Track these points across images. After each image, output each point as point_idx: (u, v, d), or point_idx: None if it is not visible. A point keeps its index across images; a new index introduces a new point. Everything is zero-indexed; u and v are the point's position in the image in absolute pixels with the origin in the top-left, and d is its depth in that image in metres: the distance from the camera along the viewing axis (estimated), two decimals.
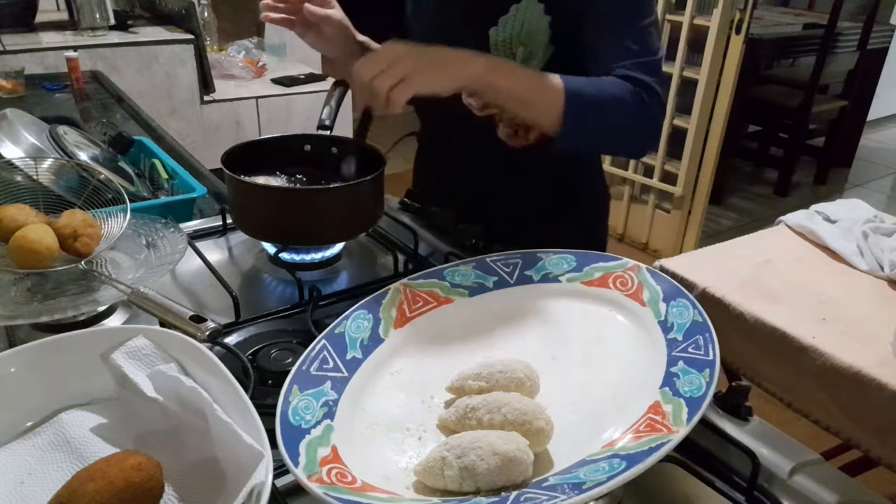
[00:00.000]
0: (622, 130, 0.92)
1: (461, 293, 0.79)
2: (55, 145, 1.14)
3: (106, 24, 2.59)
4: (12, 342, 0.76)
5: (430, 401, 0.65)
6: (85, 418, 0.59)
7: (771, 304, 1.27)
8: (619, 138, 0.95)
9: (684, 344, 0.64)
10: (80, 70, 2.04)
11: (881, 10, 3.97)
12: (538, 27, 0.95)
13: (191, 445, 0.56)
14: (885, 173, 4.45)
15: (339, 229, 0.93)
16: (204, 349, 0.60)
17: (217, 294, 0.87)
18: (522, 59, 0.97)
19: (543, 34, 0.95)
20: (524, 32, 0.95)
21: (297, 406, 0.60)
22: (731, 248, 1.50)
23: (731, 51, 2.75)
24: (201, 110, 2.79)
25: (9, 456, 0.55)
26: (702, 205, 3.02)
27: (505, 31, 0.96)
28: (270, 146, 1.00)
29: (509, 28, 0.96)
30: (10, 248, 0.76)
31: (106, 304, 0.79)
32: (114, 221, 0.87)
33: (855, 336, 1.18)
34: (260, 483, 0.47)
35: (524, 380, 0.63)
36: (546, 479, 0.53)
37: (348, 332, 0.71)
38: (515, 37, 0.96)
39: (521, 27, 0.95)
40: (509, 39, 0.96)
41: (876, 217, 1.51)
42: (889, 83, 4.38)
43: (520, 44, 0.96)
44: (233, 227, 1.05)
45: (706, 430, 0.66)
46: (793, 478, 0.62)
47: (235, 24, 3.32)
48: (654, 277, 0.74)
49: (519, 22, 0.95)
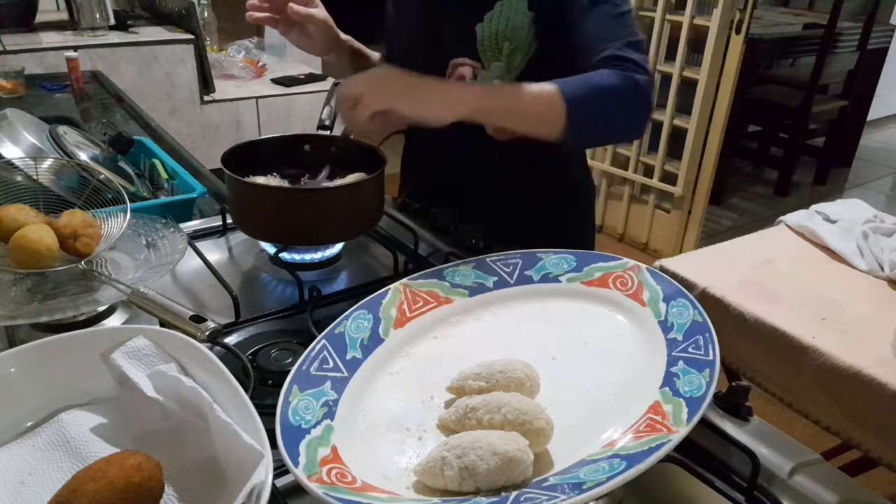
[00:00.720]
0: (621, 118, 0.93)
1: (461, 293, 0.79)
2: (55, 145, 1.14)
3: (106, 24, 2.60)
4: (12, 342, 0.76)
5: (430, 401, 0.65)
6: (85, 418, 0.59)
7: (771, 304, 1.27)
8: (620, 126, 0.96)
9: (684, 344, 0.64)
10: (80, 70, 2.04)
11: (881, 10, 3.97)
12: (522, 22, 0.97)
13: (191, 445, 0.56)
14: (885, 173, 4.45)
15: (339, 229, 0.93)
16: (204, 349, 0.60)
17: (217, 294, 0.87)
18: (508, 53, 0.99)
19: (527, 29, 0.98)
20: (509, 28, 0.98)
21: (297, 406, 0.60)
22: (731, 248, 1.50)
23: (731, 51, 2.75)
24: (201, 110, 2.79)
25: (9, 456, 0.55)
26: (702, 205, 3.02)
27: (490, 26, 0.99)
28: (270, 146, 1.00)
29: (494, 24, 0.99)
30: (10, 248, 0.76)
31: (106, 304, 0.79)
32: (114, 221, 0.87)
33: (855, 336, 1.18)
34: (260, 483, 0.47)
35: (524, 380, 0.63)
36: (546, 479, 0.53)
37: (348, 332, 0.71)
38: (501, 32, 0.98)
39: (507, 23, 0.98)
40: (495, 35, 0.99)
41: (876, 217, 1.51)
42: (889, 83, 4.38)
43: (505, 38, 0.98)
44: (233, 227, 1.05)
45: (706, 430, 0.66)
46: (793, 478, 0.62)
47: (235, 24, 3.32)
48: (654, 277, 0.74)
49: (504, 18, 0.98)
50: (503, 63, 1.00)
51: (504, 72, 1.01)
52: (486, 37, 1.00)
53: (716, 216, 3.63)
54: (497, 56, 1.00)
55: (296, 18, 1.04)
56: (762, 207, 3.80)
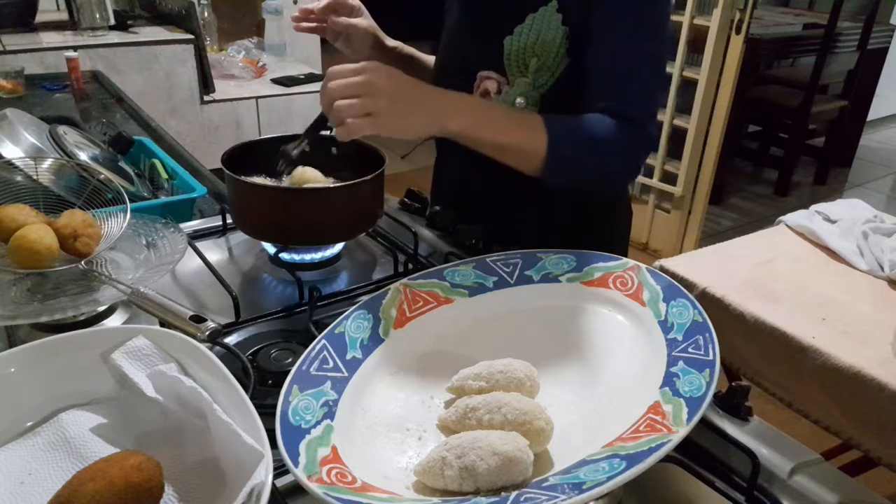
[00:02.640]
0: (605, 171, 0.93)
1: (461, 293, 0.79)
2: (55, 145, 1.14)
3: (106, 24, 2.59)
4: (12, 342, 0.76)
5: (430, 401, 0.66)
6: (85, 418, 0.59)
7: (771, 304, 1.27)
8: (603, 176, 0.95)
9: (684, 344, 0.64)
10: (80, 70, 2.04)
11: (881, 10, 3.97)
12: (554, 38, 0.92)
13: (191, 445, 0.56)
14: (885, 173, 4.45)
15: (339, 229, 0.93)
16: (204, 349, 0.60)
17: (217, 294, 0.87)
18: (535, 69, 0.94)
19: (558, 46, 0.92)
20: (539, 43, 0.93)
21: (297, 406, 0.60)
22: (731, 248, 1.50)
23: (731, 51, 2.75)
24: (201, 110, 2.79)
25: (9, 456, 0.55)
26: (702, 205, 3.02)
27: (519, 40, 0.94)
28: (270, 146, 1.00)
29: (524, 38, 0.94)
30: (10, 248, 0.76)
31: (106, 304, 0.79)
32: (114, 221, 0.87)
33: (855, 336, 1.18)
34: (260, 483, 0.47)
35: (524, 380, 0.63)
36: (546, 479, 0.53)
37: (348, 332, 0.71)
38: (529, 47, 0.93)
39: (537, 37, 0.93)
40: (523, 49, 0.94)
41: (876, 217, 1.51)
42: (889, 83, 4.38)
43: (533, 54, 0.93)
44: (233, 227, 1.05)
45: (706, 430, 0.66)
46: (793, 478, 0.62)
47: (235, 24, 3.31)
48: (654, 277, 0.74)
49: (535, 32, 0.93)
50: (529, 80, 0.95)
51: (529, 89, 0.96)
52: (513, 51, 0.95)
53: (716, 216, 3.63)
54: (523, 72, 0.95)
55: (338, 29, 1.07)
56: (762, 207, 3.80)
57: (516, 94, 0.96)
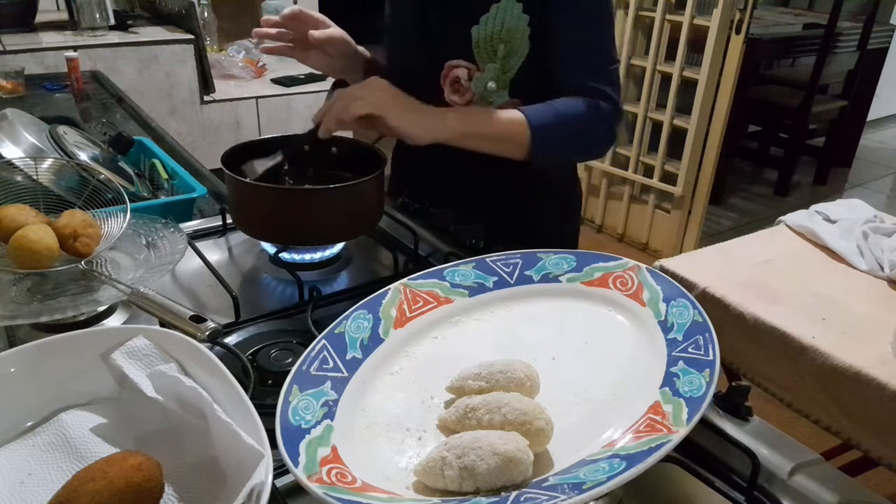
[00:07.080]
0: (583, 144, 1.05)
1: (461, 293, 0.79)
2: (55, 145, 1.14)
3: (106, 24, 2.60)
4: (12, 342, 0.76)
5: (430, 401, 0.65)
6: (85, 418, 0.59)
7: (771, 304, 1.27)
8: (582, 150, 1.08)
9: (684, 344, 0.64)
10: (80, 70, 2.04)
11: (881, 10, 3.98)
12: (517, 25, 0.99)
13: (191, 445, 0.56)
14: (885, 173, 4.45)
15: (339, 229, 0.93)
16: (204, 349, 0.60)
17: (217, 294, 0.87)
18: (503, 55, 1.01)
19: (522, 32, 0.99)
20: (504, 30, 0.99)
21: (297, 406, 0.60)
22: (731, 248, 1.50)
23: (731, 51, 2.75)
24: (201, 110, 2.79)
25: (9, 456, 0.55)
26: (702, 205, 3.02)
27: (486, 29, 1.00)
28: (270, 146, 1.00)
29: (490, 26, 1.00)
30: (10, 248, 0.76)
31: (106, 304, 0.79)
32: (114, 221, 0.87)
33: (855, 336, 1.18)
34: (260, 483, 0.47)
35: (524, 380, 0.62)
36: (546, 479, 0.53)
37: (348, 332, 0.71)
38: (496, 34, 1.00)
39: (502, 25, 0.99)
40: (490, 37, 1.00)
41: (876, 217, 1.51)
42: (889, 83, 4.38)
43: (500, 41, 1.00)
44: (233, 227, 1.05)
45: (706, 430, 0.66)
46: (793, 478, 0.62)
47: (235, 24, 3.32)
48: (654, 277, 0.74)
49: (499, 20, 0.99)
50: (498, 65, 1.02)
51: (499, 73, 1.02)
52: (481, 39, 1.01)
53: (716, 216, 3.63)
54: (492, 58, 1.02)
55: (316, 44, 1.05)
56: (762, 207, 3.80)
57: (487, 79, 1.03)
